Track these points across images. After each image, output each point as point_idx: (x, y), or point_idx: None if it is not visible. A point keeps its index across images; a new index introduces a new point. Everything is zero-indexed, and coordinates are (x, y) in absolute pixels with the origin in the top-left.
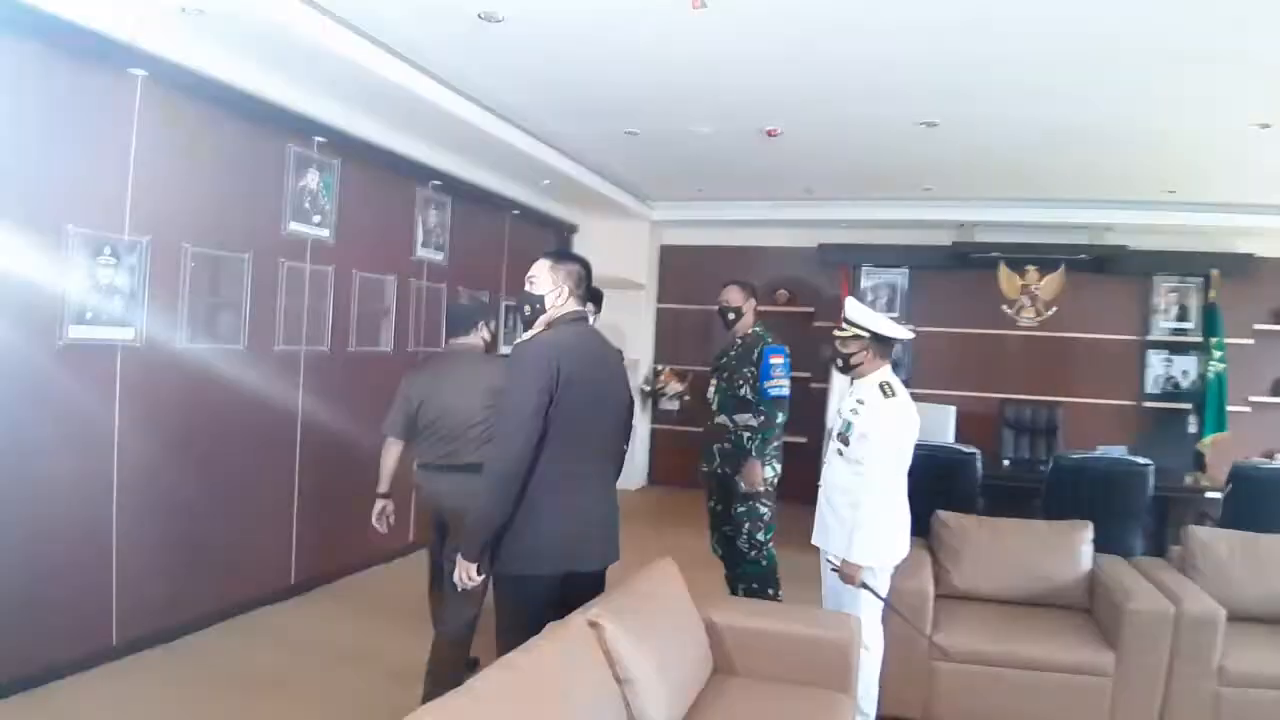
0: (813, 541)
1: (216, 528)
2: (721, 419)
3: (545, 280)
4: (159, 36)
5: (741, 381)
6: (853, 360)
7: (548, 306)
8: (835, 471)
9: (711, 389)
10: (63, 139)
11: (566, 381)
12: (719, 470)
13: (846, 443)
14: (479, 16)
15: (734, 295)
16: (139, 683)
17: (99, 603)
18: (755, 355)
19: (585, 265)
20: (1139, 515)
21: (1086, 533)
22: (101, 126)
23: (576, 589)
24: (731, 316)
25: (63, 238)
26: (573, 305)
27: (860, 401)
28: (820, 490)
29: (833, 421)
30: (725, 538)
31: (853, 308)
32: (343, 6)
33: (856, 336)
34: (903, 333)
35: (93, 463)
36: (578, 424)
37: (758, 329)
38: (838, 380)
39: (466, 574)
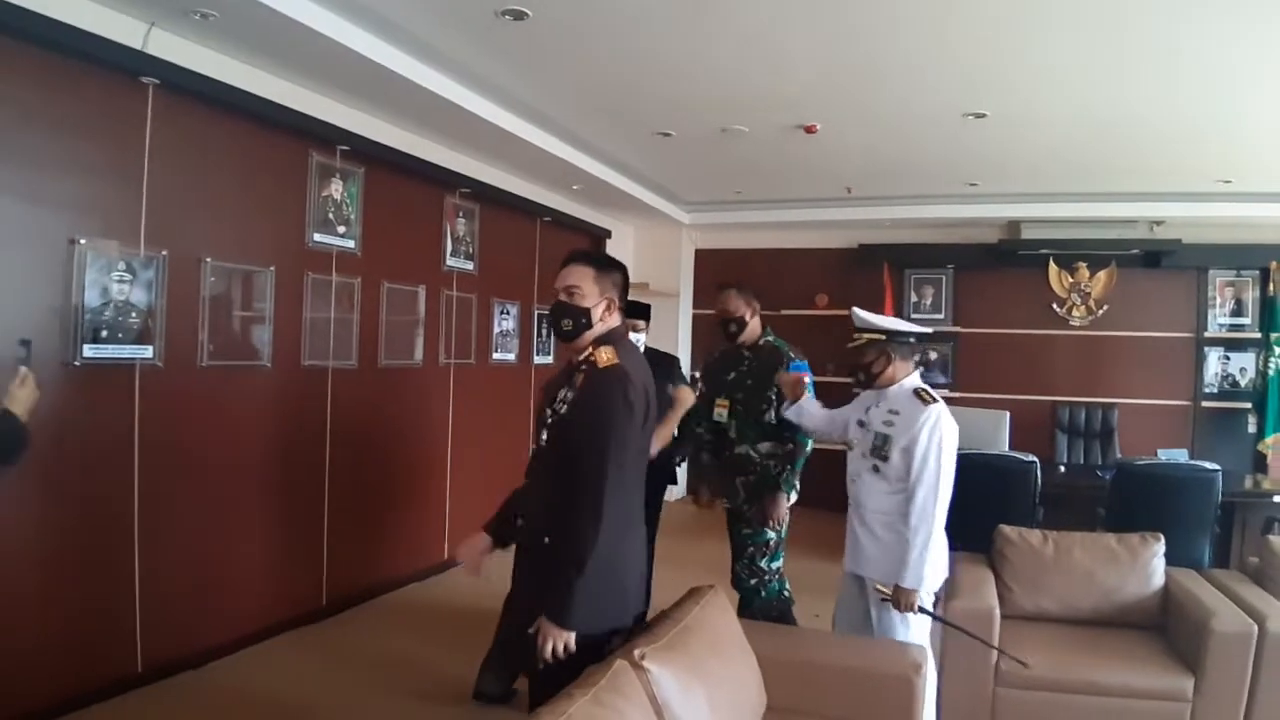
0: (847, 569)
1: (243, 549)
2: (743, 449)
3: (591, 291)
4: (170, 42)
5: (765, 406)
6: (874, 369)
7: (594, 321)
8: (870, 492)
9: (724, 412)
10: (72, 150)
11: (646, 411)
12: (744, 507)
13: (885, 459)
14: (501, 13)
15: (735, 303)
16: (165, 710)
17: (122, 628)
18: (778, 376)
19: (625, 273)
20: (1208, 524)
21: (1159, 546)
22: (112, 136)
23: None
24: (734, 328)
25: (75, 252)
26: (617, 319)
27: (894, 412)
28: (851, 511)
29: (855, 434)
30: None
31: (859, 314)
32: (359, 6)
33: (872, 342)
34: (919, 328)
35: (113, 486)
36: (642, 456)
37: (769, 338)
38: None
39: (563, 645)
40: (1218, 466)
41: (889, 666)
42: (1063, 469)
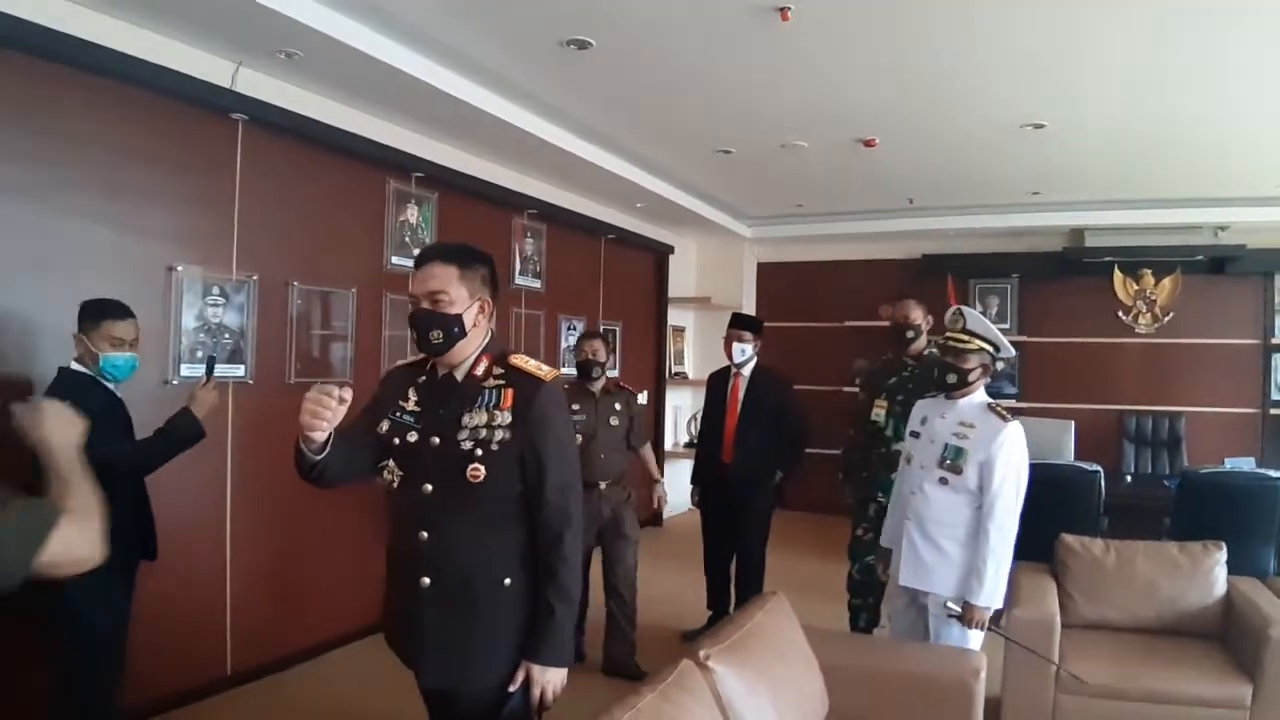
0: (901, 583)
1: (327, 557)
2: (900, 445)
3: (459, 295)
4: (257, 80)
5: None
6: (971, 378)
7: (467, 328)
8: (935, 505)
9: (881, 412)
10: (169, 183)
11: None
12: None
13: (958, 471)
14: (566, 43)
15: (915, 313)
16: (253, 711)
17: (214, 633)
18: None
19: (492, 265)
20: (1273, 532)
21: (1220, 555)
22: (206, 170)
23: None
24: (910, 335)
25: (172, 279)
26: (487, 325)
27: (968, 425)
28: (909, 525)
29: (908, 444)
30: (869, 568)
31: (975, 319)
32: (433, 42)
33: (980, 350)
34: (1012, 350)
35: (207, 499)
36: None
37: (934, 350)
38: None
39: (556, 688)
40: None
41: (949, 673)
42: (1129, 479)
